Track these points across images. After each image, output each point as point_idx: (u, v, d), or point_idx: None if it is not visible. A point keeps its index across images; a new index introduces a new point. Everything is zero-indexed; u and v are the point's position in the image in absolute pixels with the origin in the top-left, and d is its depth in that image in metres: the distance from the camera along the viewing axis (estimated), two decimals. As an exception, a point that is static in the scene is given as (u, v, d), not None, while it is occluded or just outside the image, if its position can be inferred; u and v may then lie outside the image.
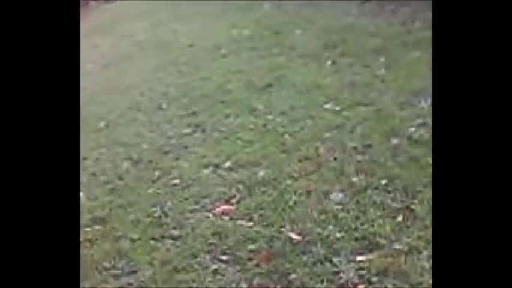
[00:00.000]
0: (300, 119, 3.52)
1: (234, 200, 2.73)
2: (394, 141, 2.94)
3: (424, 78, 3.71)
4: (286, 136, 3.32)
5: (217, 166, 3.14)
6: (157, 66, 5.58)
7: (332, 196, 2.54)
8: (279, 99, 3.95)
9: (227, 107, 4.02)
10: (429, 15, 5.20)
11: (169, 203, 2.84)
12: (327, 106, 3.62)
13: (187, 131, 3.75)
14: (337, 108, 3.54)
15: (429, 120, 3.08)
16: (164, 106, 4.34)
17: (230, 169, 3.06)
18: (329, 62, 4.49)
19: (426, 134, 2.93)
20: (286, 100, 3.89)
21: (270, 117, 3.67)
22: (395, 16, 5.41)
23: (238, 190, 2.80)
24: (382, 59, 4.30)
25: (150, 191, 3.02)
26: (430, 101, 3.34)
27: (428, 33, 4.63)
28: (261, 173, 2.91)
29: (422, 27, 4.84)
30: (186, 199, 2.85)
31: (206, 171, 3.10)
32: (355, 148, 2.96)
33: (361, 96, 3.68)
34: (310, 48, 5.00)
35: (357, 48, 4.66)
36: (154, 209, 2.81)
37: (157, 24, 7.82)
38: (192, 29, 6.92)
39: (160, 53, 6.08)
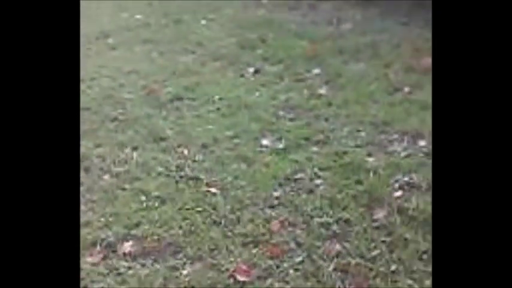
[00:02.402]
0: (231, 160, 2.32)
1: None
2: (379, 214, 1.87)
3: (382, 104, 2.70)
4: (215, 192, 2.10)
5: (110, 247, 1.84)
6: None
7: None
8: (195, 122, 2.69)
9: (121, 129, 2.68)
10: (356, 15, 4.23)
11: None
12: (264, 142, 2.44)
13: (63, 169, 2.36)
14: (280, 146, 2.39)
15: (415, 178, 2.05)
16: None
17: (132, 257, 1.78)
18: (251, 70, 3.31)
19: (422, 203, 1.89)
20: (205, 125, 2.65)
21: (185, 152, 2.42)
22: (316, 13, 4.35)
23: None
24: (317, 71, 3.21)
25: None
26: (405, 142, 2.33)
27: (364, 40, 3.64)
28: (185, 271, 1.69)
29: (353, 30, 3.83)
30: None
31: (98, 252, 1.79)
32: (325, 226, 1.84)
33: (307, 127, 2.56)
34: (222, 46, 3.76)
35: (283, 52, 3.52)
36: None
37: None
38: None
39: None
